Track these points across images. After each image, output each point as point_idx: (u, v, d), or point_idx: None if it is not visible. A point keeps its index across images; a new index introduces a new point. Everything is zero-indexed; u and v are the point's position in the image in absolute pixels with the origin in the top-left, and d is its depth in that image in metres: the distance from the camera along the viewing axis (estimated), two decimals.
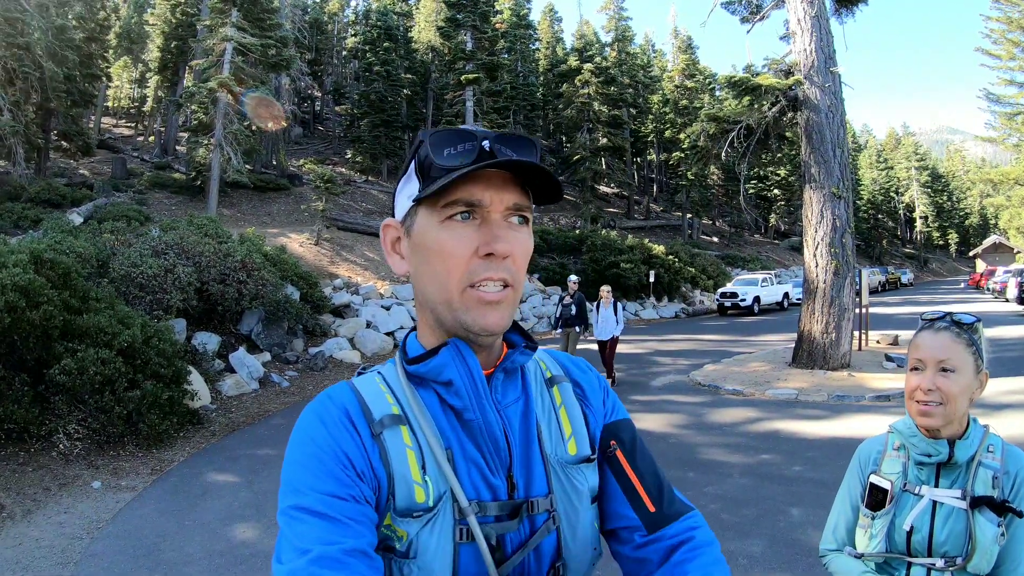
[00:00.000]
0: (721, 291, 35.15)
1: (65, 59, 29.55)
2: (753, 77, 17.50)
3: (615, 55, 56.06)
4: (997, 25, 60.50)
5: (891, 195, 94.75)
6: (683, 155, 50.67)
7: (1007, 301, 35.36)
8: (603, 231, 38.37)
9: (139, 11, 51.96)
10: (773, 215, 70.34)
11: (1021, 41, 58.99)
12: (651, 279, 33.08)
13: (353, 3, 65.97)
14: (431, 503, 1.14)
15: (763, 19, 18.99)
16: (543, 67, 60.02)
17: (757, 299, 34.41)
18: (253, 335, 15.37)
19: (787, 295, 37.53)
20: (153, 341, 10.36)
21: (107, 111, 53.11)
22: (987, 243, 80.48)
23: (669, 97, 55.68)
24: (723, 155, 18.16)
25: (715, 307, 35.71)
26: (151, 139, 47.57)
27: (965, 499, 1.97)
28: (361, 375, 1.30)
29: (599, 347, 14.58)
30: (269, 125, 30.37)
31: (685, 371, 16.08)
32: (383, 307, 21.57)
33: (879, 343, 18.51)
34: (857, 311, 16.10)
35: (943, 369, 2.01)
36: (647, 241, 37.18)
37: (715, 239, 59.49)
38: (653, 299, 34.74)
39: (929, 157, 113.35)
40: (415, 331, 1.33)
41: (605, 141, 46.90)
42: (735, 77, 17.78)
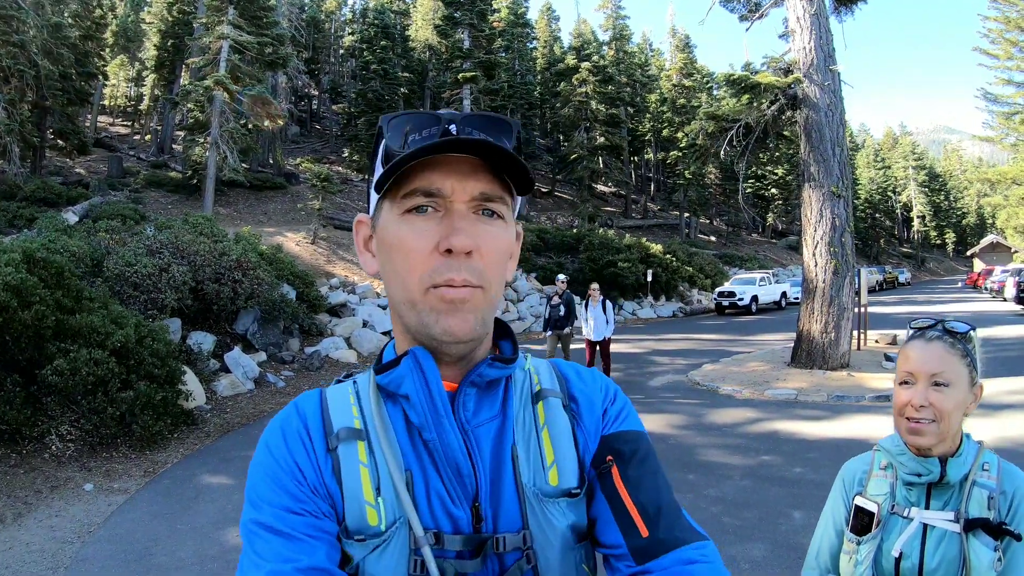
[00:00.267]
0: (719, 290, 35.21)
1: (61, 57, 29.53)
2: (752, 75, 17.50)
3: (613, 54, 56.13)
4: (995, 25, 60.98)
5: (888, 194, 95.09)
6: (681, 154, 50.75)
7: (1005, 300, 35.68)
8: (600, 230, 38.37)
9: (135, 9, 51.88)
10: (771, 214, 70.57)
11: (1019, 41, 59.40)
12: (649, 278, 33.04)
13: (350, 1, 65.81)
14: (383, 528, 1.04)
15: (762, 17, 19.01)
16: (540, 66, 59.99)
17: (755, 298, 34.43)
18: (249, 335, 15.30)
19: (785, 294, 37.61)
20: (147, 341, 10.30)
21: (103, 109, 52.98)
22: (984, 242, 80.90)
23: (667, 96, 55.81)
24: (722, 153, 18.21)
25: (713, 306, 35.70)
26: (147, 138, 47.55)
27: (959, 522, 1.81)
28: (340, 382, 1.22)
29: (588, 349, 14.11)
30: (266, 123, 30.34)
31: (683, 371, 16.07)
32: (380, 306, 21.47)
33: (878, 343, 18.51)
34: (856, 310, 16.08)
35: (936, 383, 1.85)
36: (644, 240, 37.29)
37: (712, 238, 59.56)
38: (651, 298, 34.75)
39: (926, 156, 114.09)
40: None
41: (602, 140, 46.91)
42: (734, 75, 17.78)
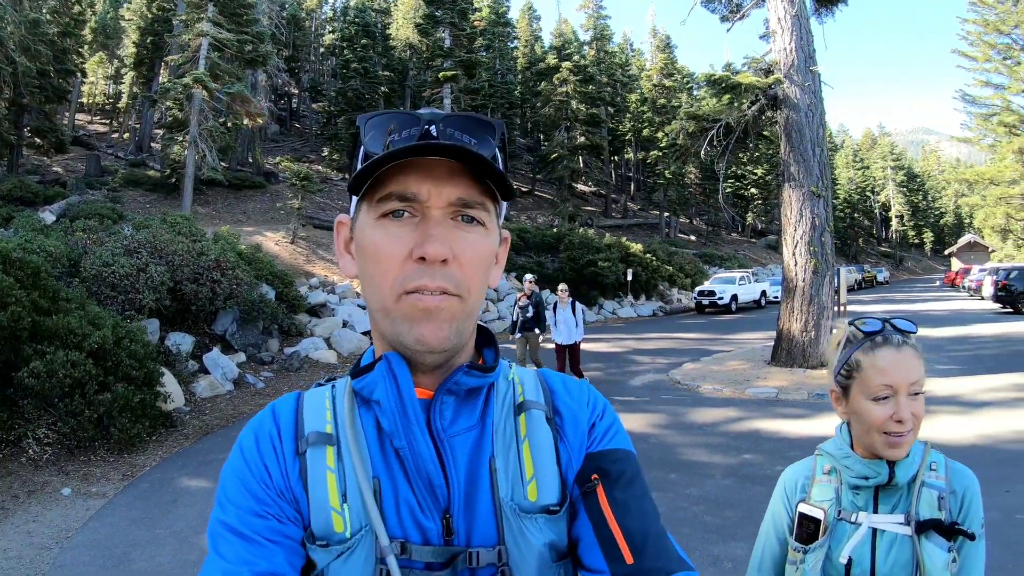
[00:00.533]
0: (699, 289, 35.42)
1: (39, 54, 29.26)
2: (733, 75, 17.59)
3: (593, 54, 56.36)
4: (973, 28, 61.76)
5: (867, 194, 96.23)
6: (661, 154, 50.89)
7: (983, 299, 36.37)
8: (581, 229, 38.42)
9: (115, 6, 51.58)
10: (750, 214, 70.88)
11: (997, 43, 60.20)
12: (629, 277, 33.10)
13: None
14: (348, 535, 1.02)
15: (743, 18, 19.11)
16: (521, 65, 60.04)
17: (735, 297, 34.65)
18: (227, 335, 15.21)
19: (764, 293, 37.94)
20: (125, 342, 10.22)
21: (81, 107, 52.51)
22: (962, 242, 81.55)
23: (647, 96, 55.96)
24: (702, 153, 18.25)
25: (693, 305, 35.85)
26: (126, 136, 47.23)
27: (909, 524, 1.75)
28: (320, 386, 1.20)
29: (558, 353, 13.36)
30: (245, 122, 30.21)
31: (664, 370, 16.09)
32: (359, 306, 21.35)
33: None
34: (835, 309, 16.17)
35: (914, 392, 1.77)
36: (625, 239, 37.37)
37: (692, 237, 59.79)
38: (631, 297, 34.88)
39: (905, 157, 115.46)
40: None
41: (583, 140, 47.03)
42: (715, 75, 17.85)
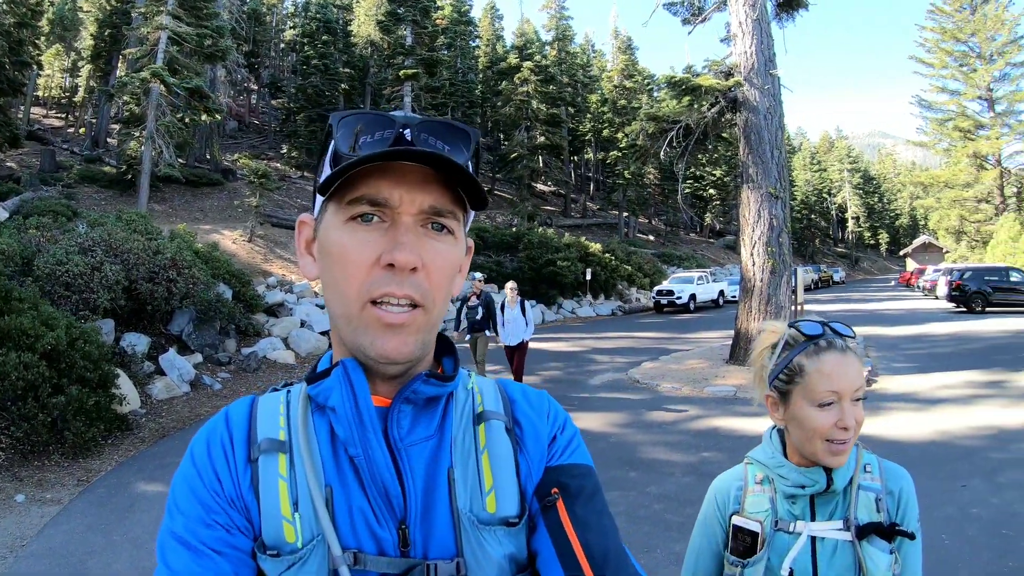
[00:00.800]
0: (657, 289, 35.66)
1: None
2: (693, 78, 17.69)
3: (555, 54, 56.37)
4: (931, 35, 63.14)
5: (824, 196, 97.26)
6: (620, 154, 51.04)
7: (937, 299, 37.18)
8: (540, 229, 38.45)
9: None
10: (708, 214, 71.43)
11: (954, 50, 61.44)
12: (588, 277, 33.08)
13: None
14: (299, 544, 1.00)
15: (704, 21, 19.26)
16: (483, 64, 59.82)
17: (693, 297, 34.95)
18: (184, 336, 15.04)
19: (722, 293, 38.37)
20: (79, 343, 10.08)
21: (37, 100, 51.49)
22: (917, 243, 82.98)
23: (608, 97, 56.09)
24: (661, 154, 18.33)
25: (651, 305, 36.06)
26: (82, 131, 46.31)
27: (849, 529, 1.70)
28: (276, 390, 1.17)
29: (507, 355, 13.06)
30: (203, 118, 29.89)
31: (623, 369, 16.16)
32: (318, 306, 21.21)
33: None
34: (793, 309, 16.36)
35: (856, 398, 1.71)
36: (584, 239, 37.43)
37: (651, 237, 59.95)
38: (590, 297, 34.98)
39: (861, 160, 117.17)
40: None
41: (543, 139, 47.01)
42: (675, 77, 17.93)
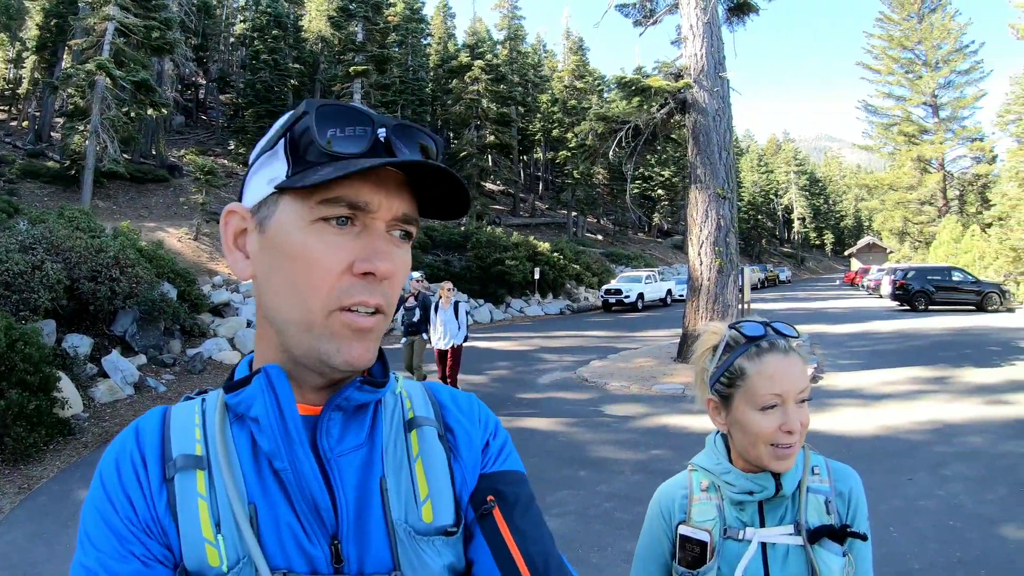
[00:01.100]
0: (606, 288, 35.90)
1: None
2: (644, 79, 17.73)
3: (506, 53, 56.40)
4: (879, 42, 64.89)
5: (771, 197, 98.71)
6: (570, 154, 51.23)
7: (881, 297, 38.79)
8: (488, 228, 38.37)
9: None
10: (657, 214, 71.98)
11: (900, 58, 63.11)
12: (536, 276, 33.23)
13: None
14: (224, 568, 0.92)
15: (656, 23, 19.32)
16: (434, 62, 59.58)
17: (641, 296, 35.23)
18: (127, 336, 14.77)
19: (670, 292, 38.74)
20: (19, 345, 9.84)
21: None
22: (861, 243, 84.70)
23: (558, 97, 56.30)
24: (610, 154, 18.39)
25: (600, 304, 36.33)
26: (25, 124, 45.42)
27: (801, 533, 1.64)
28: (190, 399, 1.09)
29: (438, 359, 12.38)
30: (149, 112, 29.43)
31: (572, 368, 16.22)
32: None
33: None
34: (740, 307, 16.53)
35: (801, 400, 1.65)
36: (532, 238, 37.46)
37: (600, 237, 60.20)
38: (538, 296, 35.05)
39: (808, 162, 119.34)
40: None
41: (493, 138, 47.00)
42: (626, 78, 17.98)
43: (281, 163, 0.96)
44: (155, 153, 37.90)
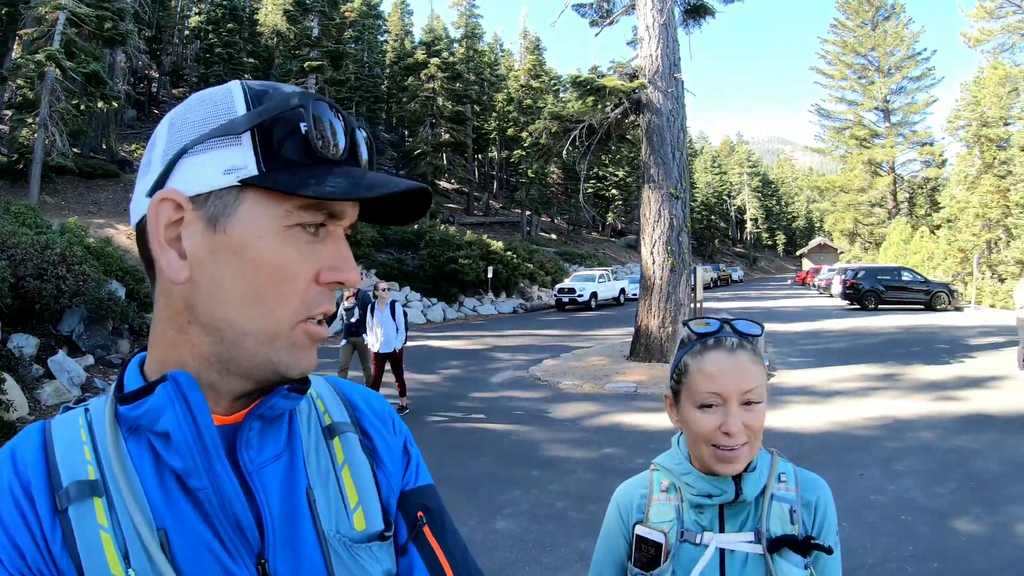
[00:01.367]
0: (559, 287, 35.99)
1: None
2: (598, 78, 17.81)
3: (463, 51, 56.28)
4: (833, 48, 66.49)
5: (724, 198, 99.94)
6: (524, 153, 51.27)
7: (831, 296, 39.78)
8: (442, 227, 38.27)
9: None
10: (611, 214, 72.41)
11: (853, 63, 64.74)
12: (489, 275, 33.19)
13: None
14: None
15: (612, 24, 19.45)
16: (390, 59, 59.35)
17: (594, 295, 35.28)
18: (74, 336, 14.43)
19: (623, 291, 38.81)
20: None
21: None
22: (813, 244, 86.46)
23: (514, 96, 56.35)
24: (564, 153, 18.49)
25: (553, 303, 36.39)
26: None
27: (761, 542, 1.57)
28: (69, 410, 0.94)
29: (375, 362, 11.49)
30: (100, 105, 28.94)
31: (524, 367, 16.19)
32: None
33: None
34: (692, 306, 16.64)
35: (748, 402, 1.57)
36: (486, 237, 37.48)
37: (554, 236, 60.35)
38: (491, 295, 35.03)
39: (761, 164, 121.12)
40: (144, 352, 0.96)
41: (448, 137, 47.00)
42: (580, 77, 18.04)
43: (243, 152, 0.84)
44: (105, 147, 37.24)
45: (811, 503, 1.63)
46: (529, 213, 54.86)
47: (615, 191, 69.46)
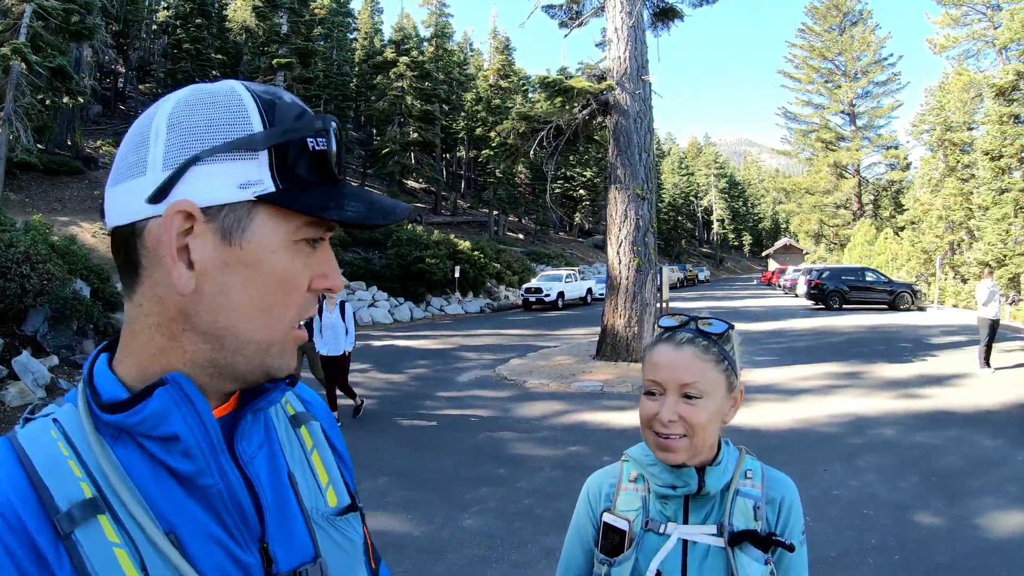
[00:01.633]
0: (526, 287, 36.01)
1: None
2: (567, 79, 17.81)
3: (432, 50, 56.07)
4: (800, 52, 67.48)
5: (691, 199, 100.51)
6: (492, 153, 51.16)
7: (796, 296, 40.23)
8: (409, 226, 38.17)
9: None
10: (578, 214, 72.64)
11: (820, 67, 65.67)
12: (456, 275, 33.05)
13: None
14: None
15: (582, 25, 19.50)
16: (359, 57, 58.95)
17: (561, 295, 35.38)
18: (39, 336, 14.19)
19: (590, 291, 39.01)
20: None
21: None
22: (778, 244, 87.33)
23: (483, 96, 56.17)
24: (532, 154, 18.46)
25: (520, 302, 36.45)
26: None
27: (722, 535, 1.60)
28: (30, 421, 0.89)
29: (324, 367, 10.83)
30: (66, 100, 28.57)
31: (491, 366, 16.20)
32: None
33: None
34: (658, 306, 16.72)
35: (687, 395, 1.61)
36: (453, 237, 37.33)
37: (521, 236, 60.39)
38: (458, 294, 34.94)
39: (728, 166, 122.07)
40: (107, 353, 0.94)
41: (416, 136, 46.83)
42: (549, 78, 18.05)
43: (259, 168, 0.85)
44: (70, 144, 36.73)
45: (776, 500, 1.67)
46: (496, 213, 54.77)
47: (582, 191, 69.65)
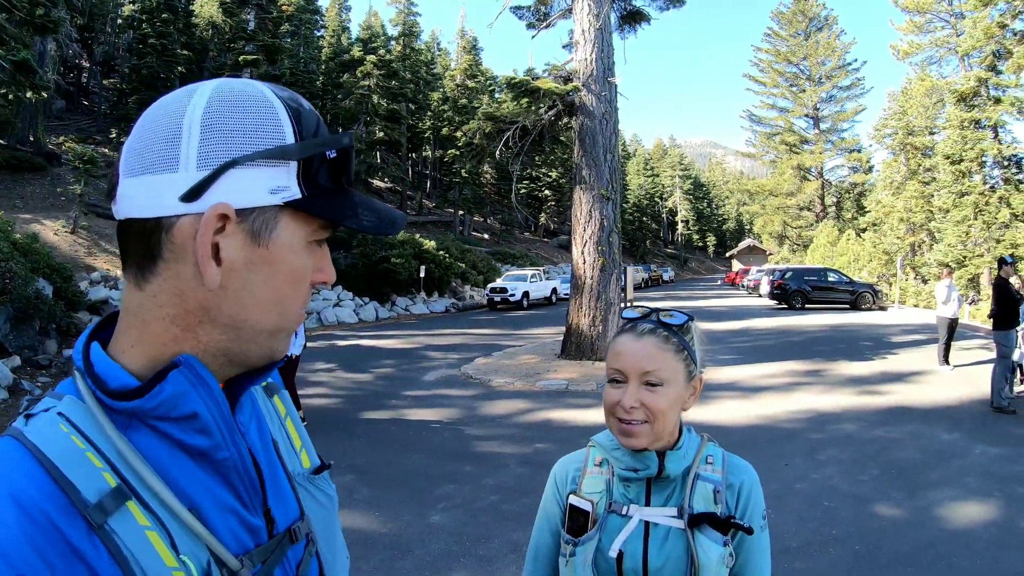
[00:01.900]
0: (491, 286, 36.14)
1: None
2: (533, 80, 17.88)
3: (400, 49, 55.95)
4: (766, 56, 68.37)
5: (656, 200, 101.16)
6: (458, 152, 51.13)
7: (760, 296, 40.83)
8: None
9: None
10: (543, 214, 72.70)
11: (786, 71, 66.62)
12: (422, 274, 32.95)
13: None
14: None
15: (549, 27, 19.54)
16: (326, 55, 58.68)
17: (526, 294, 35.45)
18: (0, 336, 14.12)
19: (555, 290, 39.01)
20: None
21: None
22: (742, 245, 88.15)
23: (449, 95, 56.15)
24: (497, 154, 18.51)
25: (485, 302, 36.47)
26: None
27: (682, 517, 1.66)
28: (32, 417, 0.87)
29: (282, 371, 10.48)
30: (28, 95, 28.19)
31: (456, 365, 16.20)
32: None
33: None
34: (622, 305, 16.82)
35: (648, 383, 1.68)
36: (419, 236, 37.17)
37: (486, 236, 60.27)
38: (423, 294, 34.83)
39: (693, 167, 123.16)
40: (95, 341, 0.94)
41: (382, 135, 46.86)
42: (515, 79, 18.09)
43: (289, 174, 0.90)
44: (33, 140, 36.15)
45: (735, 485, 1.73)
46: (462, 213, 54.79)
47: (548, 192, 69.76)
